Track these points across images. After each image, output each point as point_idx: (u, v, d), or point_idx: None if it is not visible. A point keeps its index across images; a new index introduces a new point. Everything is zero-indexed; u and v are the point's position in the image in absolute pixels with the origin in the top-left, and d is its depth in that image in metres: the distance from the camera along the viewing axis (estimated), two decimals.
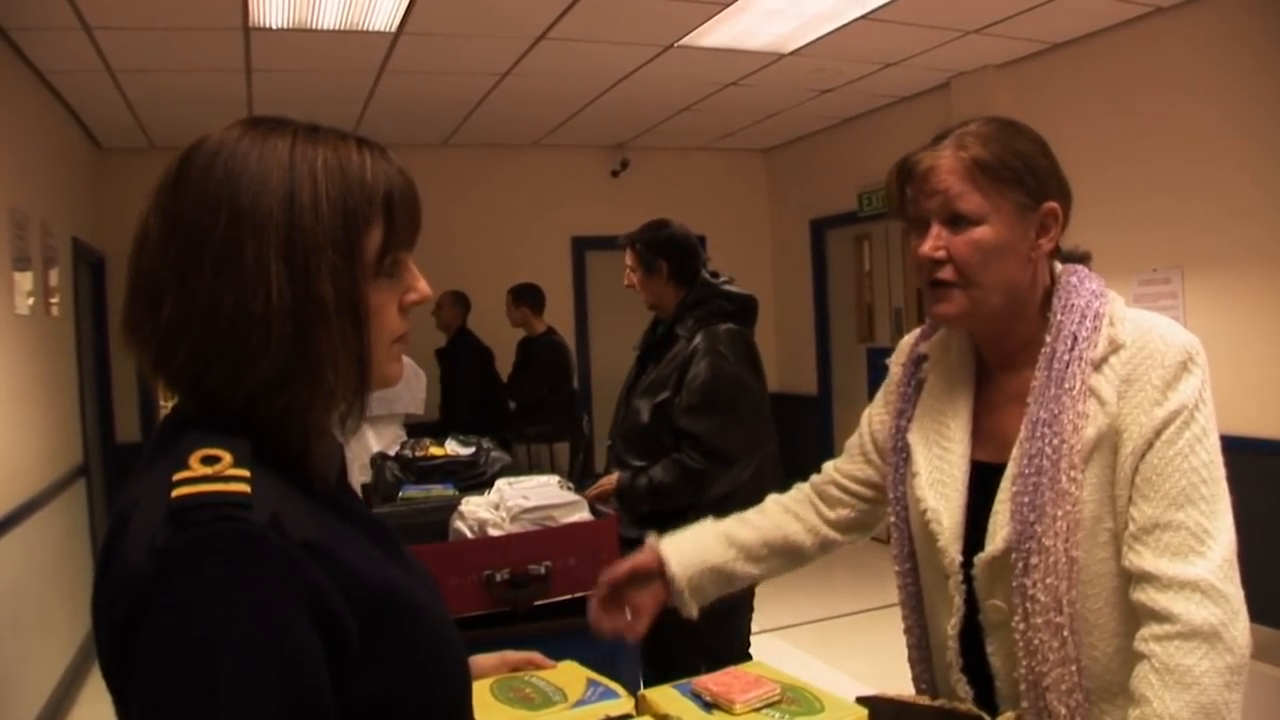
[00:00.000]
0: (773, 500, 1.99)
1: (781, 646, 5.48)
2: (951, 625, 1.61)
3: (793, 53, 5.90)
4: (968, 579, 1.56)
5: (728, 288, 3.46)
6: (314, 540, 0.91)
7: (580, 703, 1.34)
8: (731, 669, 1.42)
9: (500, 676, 1.44)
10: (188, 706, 0.81)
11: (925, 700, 1.54)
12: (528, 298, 7.23)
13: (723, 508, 3.05)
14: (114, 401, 7.30)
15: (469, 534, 2.73)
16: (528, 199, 8.60)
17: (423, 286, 1.08)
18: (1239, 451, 5.28)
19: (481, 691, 1.36)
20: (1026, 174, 1.53)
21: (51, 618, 5.04)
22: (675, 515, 2.72)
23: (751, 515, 1.95)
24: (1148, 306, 5.24)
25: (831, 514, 1.92)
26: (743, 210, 9.42)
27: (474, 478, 3.82)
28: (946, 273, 1.54)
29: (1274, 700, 4.35)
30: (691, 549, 1.84)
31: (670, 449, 3.28)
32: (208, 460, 0.89)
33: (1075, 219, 1.59)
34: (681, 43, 5.61)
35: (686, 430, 3.25)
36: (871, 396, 1.91)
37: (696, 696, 1.31)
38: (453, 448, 4.19)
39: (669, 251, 3.44)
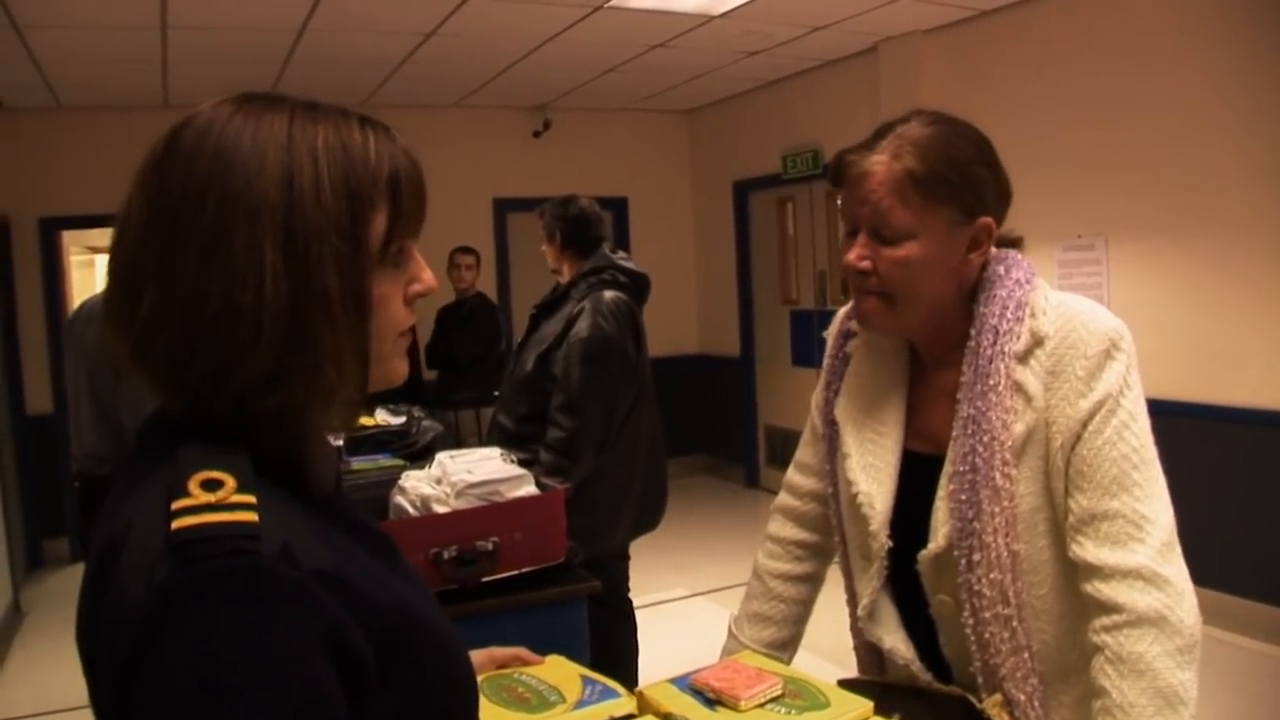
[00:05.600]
0: (767, 575, 1.89)
1: (719, 612, 5.49)
2: (862, 608, 1.64)
3: (723, 15, 5.86)
4: (913, 573, 1.56)
5: (623, 262, 3.81)
6: (326, 569, 0.85)
7: (582, 703, 1.31)
8: (729, 661, 1.39)
9: (489, 675, 1.40)
10: None
11: (907, 682, 1.54)
12: None
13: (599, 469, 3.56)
14: (24, 372, 7.07)
15: (412, 510, 2.68)
16: (449, 160, 8.43)
17: (428, 277, 1.01)
18: (1162, 415, 5.41)
19: None
20: (963, 188, 1.49)
21: None
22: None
23: (769, 610, 1.87)
24: (1072, 272, 5.38)
25: (809, 535, 1.88)
26: (665, 171, 9.40)
27: (406, 447, 3.77)
28: (871, 284, 1.52)
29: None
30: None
31: (549, 395, 3.61)
32: (209, 485, 0.82)
33: None
34: (611, 3, 5.53)
35: (558, 379, 3.59)
36: (794, 358, 1.89)
37: (698, 693, 1.28)
38: (383, 417, 4.12)
39: (564, 223, 3.84)
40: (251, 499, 0.83)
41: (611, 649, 3.70)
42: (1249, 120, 4.74)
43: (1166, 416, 5.04)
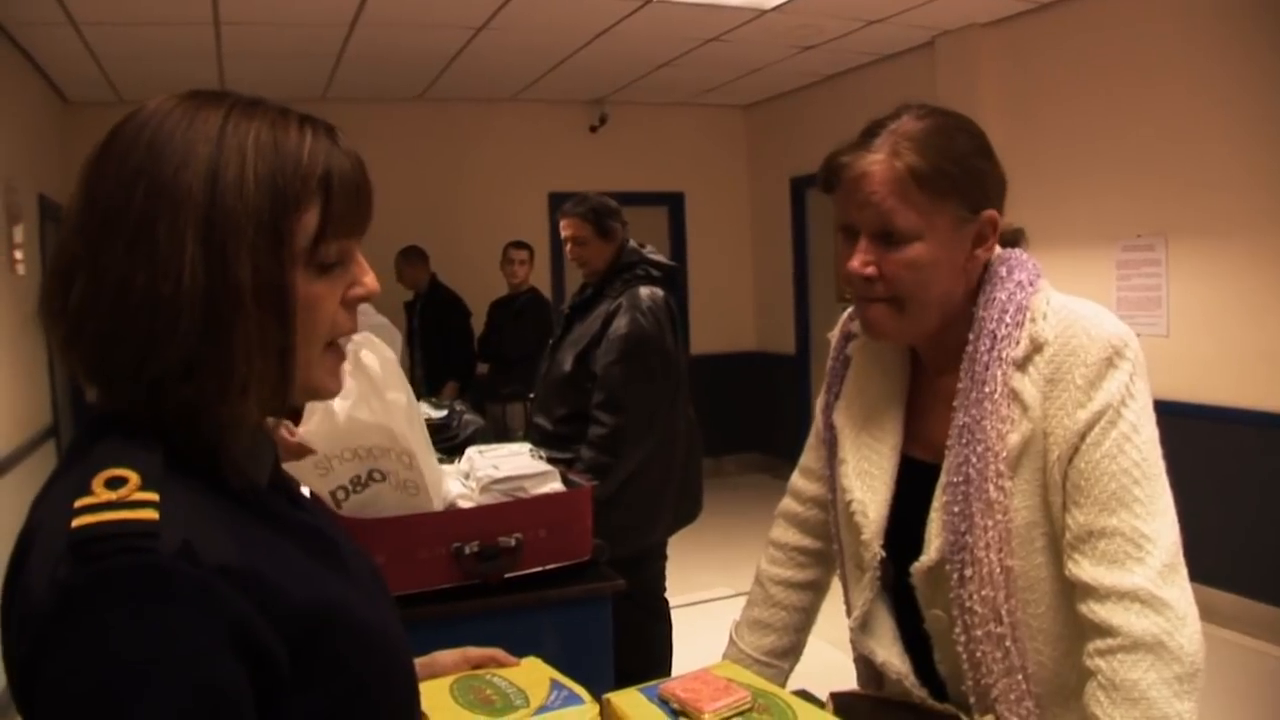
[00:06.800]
0: (769, 581, 1.86)
1: None
2: (855, 619, 1.59)
3: (775, 8, 5.80)
4: (907, 586, 1.50)
5: (652, 256, 3.82)
6: (232, 564, 0.84)
7: (543, 708, 1.29)
8: (700, 672, 1.36)
9: (460, 675, 1.38)
10: None
11: (901, 697, 1.50)
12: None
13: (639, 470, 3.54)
14: None
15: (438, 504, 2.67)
16: (505, 154, 8.48)
17: (369, 280, 1.00)
18: (1219, 421, 5.26)
19: (440, 692, 1.30)
20: (965, 182, 1.42)
21: None
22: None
23: (770, 617, 1.84)
24: (1131, 273, 5.25)
25: (812, 541, 1.83)
26: (722, 167, 9.34)
27: (446, 440, 3.77)
28: (878, 290, 1.45)
29: (1238, 666, 4.36)
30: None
31: (588, 394, 3.59)
32: (112, 483, 0.82)
33: (1060, 185, 1.51)
34: None
35: (599, 376, 3.57)
36: None
37: (664, 703, 1.25)
38: (425, 410, 4.13)
39: (620, 217, 3.83)
40: (153, 496, 0.82)
41: (646, 649, 3.68)
42: None
43: (1226, 424, 4.91)
